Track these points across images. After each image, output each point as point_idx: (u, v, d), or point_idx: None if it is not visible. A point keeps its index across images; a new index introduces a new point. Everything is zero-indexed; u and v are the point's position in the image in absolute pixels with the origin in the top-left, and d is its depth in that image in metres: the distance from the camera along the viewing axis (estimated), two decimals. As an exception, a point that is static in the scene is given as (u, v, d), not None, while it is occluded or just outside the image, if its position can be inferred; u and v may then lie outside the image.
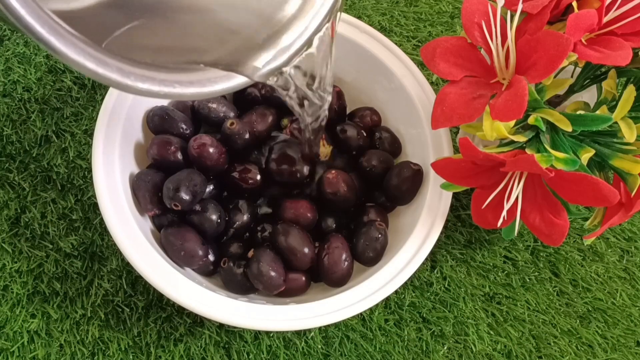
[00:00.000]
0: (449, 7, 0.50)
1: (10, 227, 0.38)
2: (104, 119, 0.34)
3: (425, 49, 0.31)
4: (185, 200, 0.33)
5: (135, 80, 0.21)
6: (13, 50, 0.44)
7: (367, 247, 0.35)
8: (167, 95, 0.22)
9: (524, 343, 0.38)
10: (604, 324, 0.39)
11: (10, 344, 0.35)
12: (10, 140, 0.41)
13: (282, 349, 0.36)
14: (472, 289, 0.39)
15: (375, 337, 0.37)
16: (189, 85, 0.23)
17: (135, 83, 0.21)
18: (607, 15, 0.28)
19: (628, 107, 0.28)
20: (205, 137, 0.35)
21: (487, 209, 0.32)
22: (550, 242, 0.30)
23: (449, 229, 0.41)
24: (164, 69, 0.23)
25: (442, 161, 0.32)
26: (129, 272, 0.37)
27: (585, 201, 0.28)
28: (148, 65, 0.22)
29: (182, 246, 0.33)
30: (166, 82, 0.22)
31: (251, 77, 0.25)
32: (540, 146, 0.29)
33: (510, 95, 0.27)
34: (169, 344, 0.36)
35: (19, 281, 0.37)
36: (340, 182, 0.36)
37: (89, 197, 0.39)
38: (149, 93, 0.22)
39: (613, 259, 0.42)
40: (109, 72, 0.20)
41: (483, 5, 0.30)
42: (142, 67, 0.22)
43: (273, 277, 0.33)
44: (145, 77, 0.21)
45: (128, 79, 0.21)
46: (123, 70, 0.21)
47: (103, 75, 0.20)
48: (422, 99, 0.37)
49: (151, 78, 0.22)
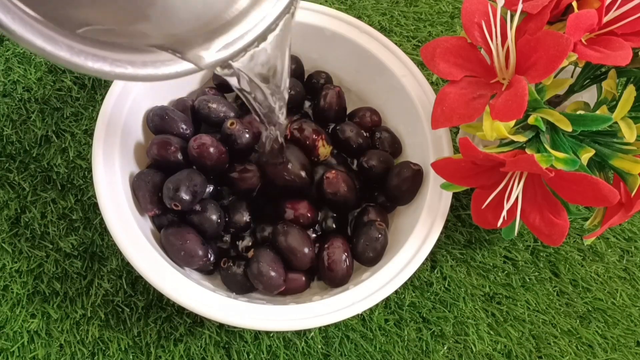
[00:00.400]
0: (449, 7, 0.50)
1: (10, 227, 0.38)
2: (104, 119, 0.34)
3: (425, 49, 0.31)
4: (185, 200, 0.33)
5: (85, 59, 0.20)
6: (13, 50, 0.44)
7: (367, 247, 0.35)
8: (118, 76, 0.22)
9: (524, 343, 0.38)
10: (604, 324, 0.39)
11: (10, 344, 0.35)
12: (10, 140, 0.41)
13: (282, 349, 0.36)
14: (472, 289, 0.39)
15: (375, 337, 0.37)
16: (142, 67, 0.22)
17: (86, 62, 0.20)
18: (607, 15, 0.28)
19: (628, 107, 0.28)
20: (205, 137, 0.35)
21: (487, 209, 0.32)
22: (550, 242, 0.30)
23: (449, 229, 0.41)
24: (118, 48, 0.22)
25: (442, 161, 0.32)
26: (129, 272, 0.37)
27: (585, 201, 0.28)
28: (102, 43, 0.21)
29: (182, 246, 0.33)
30: (119, 63, 0.21)
31: (197, 65, 0.24)
32: (540, 146, 0.29)
33: (510, 95, 0.27)
34: (169, 344, 0.36)
35: (19, 281, 0.37)
36: (340, 182, 0.36)
37: (89, 197, 0.39)
38: (100, 73, 0.21)
39: (613, 259, 0.42)
40: (57, 50, 0.19)
41: (483, 5, 0.30)
42: (95, 45, 0.21)
43: (273, 277, 0.33)
44: (97, 57, 0.21)
45: (78, 58, 0.20)
46: (73, 48, 0.20)
47: (51, 53, 0.19)
48: (422, 99, 0.37)
49: (103, 57, 0.21)
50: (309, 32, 0.40)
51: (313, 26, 0.39)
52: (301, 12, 0.39)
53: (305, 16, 0.39)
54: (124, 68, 0.22)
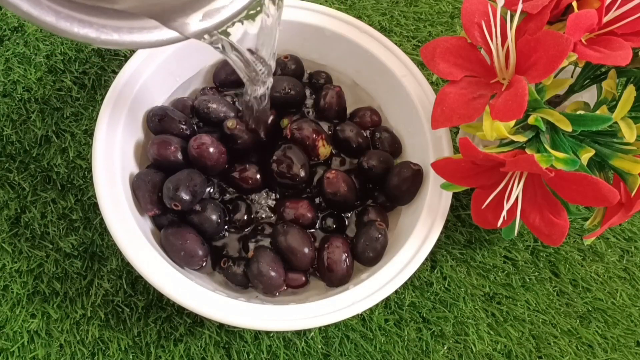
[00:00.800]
0: (449, 7, 0.50)
1: (10, 227, 0.38)
2: (104, 119, 0.34)
3: (425, 49, 0.31)
4: (185, 200, 0.33)
5: (72, 25, 0.20)
6: (13, 50, 0.44)
7: (367, 247, 0.35)
8: (104, 42, 0.21)
9: (524, 343, 0.38)
10: (604, 324, 0.39)
11: (10, 344, 0.35)
12: (10, 140, 0.41)
13: (282, 349, 0.36)
14: (472, 289, 0.39)
15: (375, 337, 0.37)
16: (128, 33, 0.22)
17: (72, 28, 0.20)
18: (607, 15, 0.28)
19: (628, 107, 0.28)
20: (205, 137, 0.35)
21: (487, 209, 0.32)
22: (550, 242, 0.30)
23: (449, 229, 0.41)
24: (105, 13, 0.21)
25: (442, 161, 0.32)
26: (129, 272, 0.37)
27: (585, 201, 0.28)
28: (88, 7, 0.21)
29: (182, 246, 0.33)
30: (104, 29, 0.21)
31: (182, 34, 0.23)
32: (540, 146, 0.29)
33: (510, 95, 0.27)
34: (169, 344, 0.36)
35: (19, 281, 0.37)
36: (340, 182, 0.36)
37: (89, 197, 0.39)
38: (86, 39, 0.21)
39: (613, 259, 0.42)
40: (43, 15, 0.19)
41: (483, 5, 0.30)
42: (82, 10, 0.20)
43: (273, 277, 0.33)
44: (83, 22, 0.20)
45: (64, 23, 0.20)
46: (60, 13, 0.19)
47: (37, 18, 0.19)
48: (422, 99, 0.37)
49: (89, 23, 0.20)
50: (309, 32, 0.40)
51: (313, 26, 0.39)
52: (301, 12, 0.39)
53: (305, 16, 0.39)
54: (109, 35, 0.21)
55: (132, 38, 0.22)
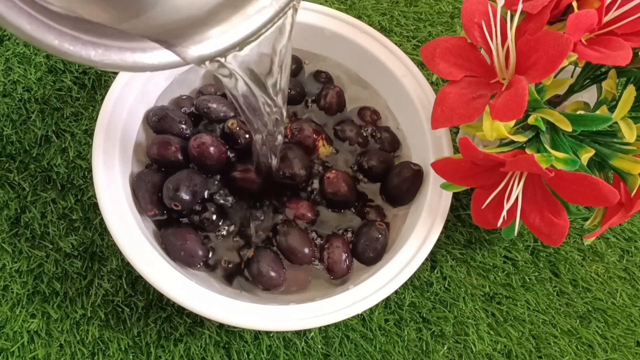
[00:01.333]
0: (449, 7, 0.50)
1: (10, 227, 0.38)
2: (104, 118, 0.34)
3: (425, 49, 0.31)
4: (185, 200, 0.33)
5: (74, 47, 0.20)
6: (13, 50, 0.44)
7: (367, 247, 0.35)
8: (106, 65, 0.21)
9: (524, 343, 0.38)
10: (604, 324, 0.39)
11: (10, 344, 0.35)
12: (10, 140, 0.41)
13: (282, 349, 0.36)
14: (472, 289, 0.39)
15: (375, 337, 0.37)
16: (131, 53, 0.21)
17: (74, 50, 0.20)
18: (607, 15, 0.28)
19: (628, 107, 0.28)
20: (205, 136, 0.35)
21: (487, 209, 0.32)
22: (550, 242, 0.30)
23: (449, 229, 0.41)
24: (106, 34, 0.21)
25: (442, 161, 0.32)
26: (129, 272, 0.37)
27: (585, 201, 0.28)
28: (88, 29, 0.20)
29: (182, 246, 0.33)
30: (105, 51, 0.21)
31: (183, 59, 0.22)
32: (540, 146, 0.29)
33: (510, 95, 0.27)
34: (169, 344, 0.36)
35: (19, 281, 0.37)
36: (340, 182, 0.36)
37: (89, 197, 0.39)
38: (87, 62, 0.20)
39: (613, 259, 0.42)
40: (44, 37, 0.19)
41: (483, 5, 0.30)
42: (83, 30, 0.20)
43: (273, 277, 0.33)
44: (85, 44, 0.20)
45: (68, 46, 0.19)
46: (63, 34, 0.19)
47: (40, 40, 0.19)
48: (422, 99, 0.37)
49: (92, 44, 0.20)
50: (309, 32, 0.40)
51: (313, 26, 0.39)
52: (301, 12, 0.39)
53: (305, 16, 0.39)
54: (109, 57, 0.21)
55: (134, 59, 0.22)
